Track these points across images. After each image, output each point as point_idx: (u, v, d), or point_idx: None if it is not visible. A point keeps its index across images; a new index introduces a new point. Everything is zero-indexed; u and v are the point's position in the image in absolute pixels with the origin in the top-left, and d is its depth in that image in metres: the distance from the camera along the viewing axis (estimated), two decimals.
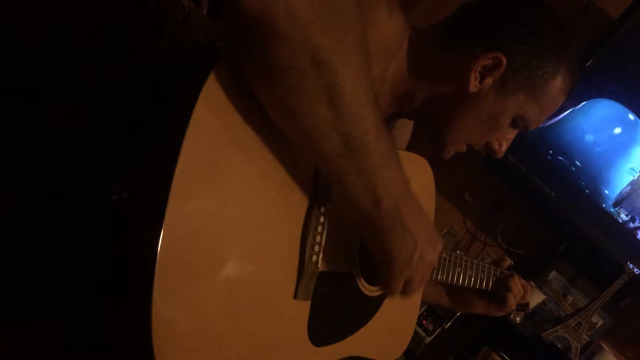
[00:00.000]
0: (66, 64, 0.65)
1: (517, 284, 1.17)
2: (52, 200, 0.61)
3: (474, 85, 0.89)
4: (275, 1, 0.53)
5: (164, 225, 0.54)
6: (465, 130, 0.94)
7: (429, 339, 2.12)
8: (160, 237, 0.53)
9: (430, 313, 2.14)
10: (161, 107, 0.60)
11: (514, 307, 1.19)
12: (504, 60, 0.87)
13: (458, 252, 1.12)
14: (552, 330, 2.02)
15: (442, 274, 1.05)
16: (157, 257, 0.53)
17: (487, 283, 1.15)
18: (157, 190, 0.54)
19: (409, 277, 0.78)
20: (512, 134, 0.98)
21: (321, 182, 0.74)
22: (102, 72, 0.66)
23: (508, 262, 1.21)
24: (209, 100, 0.58)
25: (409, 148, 1.15)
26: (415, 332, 2.09)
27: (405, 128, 1.12)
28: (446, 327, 2.16)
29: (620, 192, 2.00)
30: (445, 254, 1.05)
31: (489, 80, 0.89)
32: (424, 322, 2.12)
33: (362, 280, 0.88)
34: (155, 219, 0.54)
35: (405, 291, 0.80)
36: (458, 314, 2.16)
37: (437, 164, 1.05)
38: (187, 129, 0.56)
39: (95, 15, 0.67)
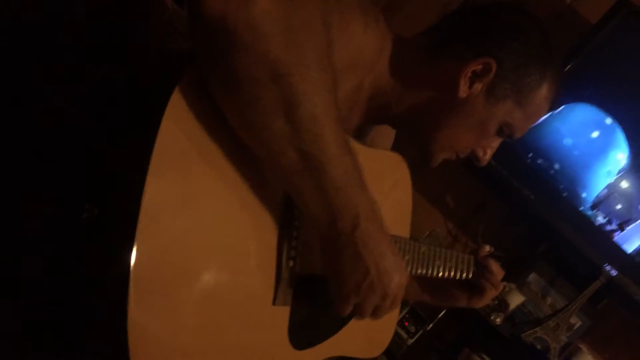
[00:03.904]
0: (48, 64, 0.64)
1: (493, 264, 1.16)
2: (31, 203, 0.61)
3: (463, 90, 0.89)
4: (237, 10, 0.53)
5: (135, 241, 0.53)
6: (454, 137, 0.95)
7: (410, 341, 2.13)
8: (133, 254, 0.53)
9: (412, 315, 2.16)
10: (130, 120, 0.60)
11: (493, 294, 1.18)
12: (494, 66, 0.88)
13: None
14: (531, 331, 2.04)
15: (422, 268, 1.05)
16: (130, 274, 0.53)
17: (467, 273, 1.16)
18: (128, 207, 0.54)
19: (357, 303, 0.74)
20: (496, 142, 0.99)
21: None
22: (83, 74, 0.65)
23: (486, 248, 1.20)
24: (175, 115, 0.58)
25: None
26: (397, 333, 2.11)
27: (384, 136, 1.12)
28: (428, 328, 2.17)
29: (598, 195, 2.03)
30: (424, 248, 1.05)
31: (478, 86, 0.90)
32: (406, 323, 2.14)
33: None
34: (126, 236, 0.53)
35: (355, 314, 0.76)
36: (440, 315, 2.18)
37: (419, 167, 1.05)
38: (155, 146, 0.55)
39: (80, 16, 0.66)
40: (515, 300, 2.08)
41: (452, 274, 1.12)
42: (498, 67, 0.88)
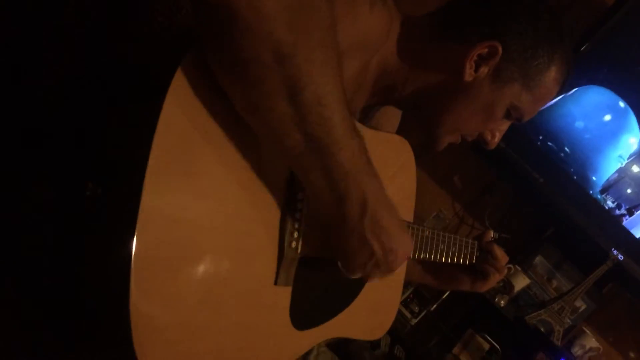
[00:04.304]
0: (49, 41, 0.64)
1: (497, 249, 1.16)
2: (31, 182, 0.61)
3: (469, 74, 0.88)
4: None
5: (138, 220, 0.53)
6: (460, 120, 0.94)
7: (414, 321, 2.15)
8: (135, 233, 0.53)
9: (416, 295, 2.17)
10: (133, 98, 0.60)
11: (497, 279, 1.18)
12: (500, 49, 0.87)
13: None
14: (535, 314, 2.04)
15: (425, 253, 1.05)
16: (133, 253, 0.53)
17: (471, 258, 1.16)
18: (130, 186, 0.54)
19: (362, 276, 0.76)
20: (505, 125, 0.98)
21: None
22: (84, 51, 0.65)
23: (490, 234, 1.21)
24: (179, 95, 0.57)
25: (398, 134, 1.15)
26: (401, 313, 2.12)
27: (390, 118, 1.11)
28: (432, 309, 2.18)
29: (608, 179, 2.01)
30: (428, 231, 1.05)
31: (484, 70, 0.88)
32: (411, 303, 2.15)
33: None
34: (129, 215, 0.53)
35: (363, 280, 0.79)
36: (444, 296, 2.18)
37: (425, 149, 1.04)
38: (158, 125, 0.55)
39: None
40: (521, 282, 2.08)
41: (456, 258, 1.12)
42: (504, 51, 0.87)
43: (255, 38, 0.53)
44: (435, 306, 2.17)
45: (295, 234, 0.75)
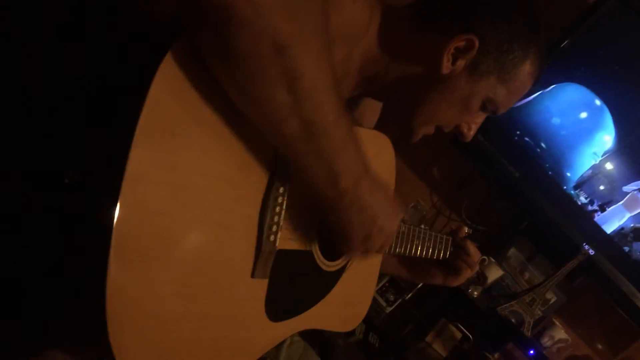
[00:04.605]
0: (31, 23, 0.63)
1: (470, 246, 1.19)
2: (9, 168, 0.60)
3: (446, 67, 0.89)
4: None
5: (117, 209, 0.54)
6: (436, 113, 0.95)
7: (389, 309, 2.18)
8: (115, 222, 0.54)
9: (392, 284, 2.19)
10: (119, 83, 0.59)
11: (468, 274, 1.22)
12: (477, 43, 0.88)
13: (422, 226, 1.15)
14: (507, 305, 2.09)
15: (400, 247, 1.07)
16: (112, 241, 0.54)
17: (445, 253, 1.18)
18: (111, 174, 0.54)
19: (366, 248, 0.82)
20: (481, 117, 1.00)
21: (280, 162, 0.75)
22: (67, 34, 0.64)
23: (464, 231, 1.23)
24: (167, 79, 0.57)
25: (376, 128, 1.16)
26: (376, 301, 2.15)
27: (372, 109, 1.12)
28: (407, 298, 2.21)
29: (582, 176, 2.05)
30: (404, 227, 1.07)
31: (461, 63, 0.90)
32: (386, 292, 2.17)
33: (321, 256, 0.90)
34: (109, 203, 0.54)
35: (364, 254, 0.86)
36: (419, 285, 2.22)
37: (403, 138, 1.05)
38: (143, 110, 0.55)
39: None
40: (494, 274, 2.12)
41: (430, 253, 1.15)
42: (481, 44, 0.88)
43: (253, 31, 0.54)
44: (410, 295, 2.21)
45: (274, 228, 0.76)
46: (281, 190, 0.76)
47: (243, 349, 0.79)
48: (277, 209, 0.76)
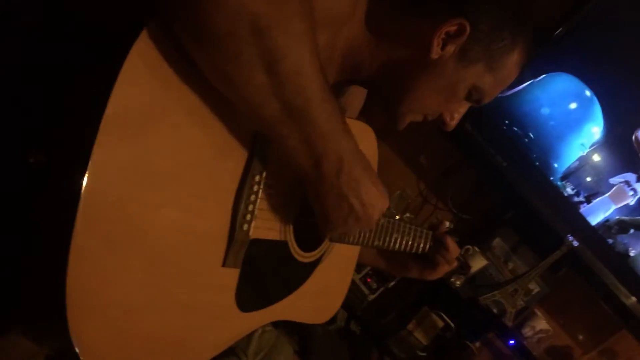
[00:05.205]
0: None
1: (450, 241, 1.18)
2: None
3: (435, 51, 0.87)
4: None
5: (82, 193, 0.51)
6: (422, 98, 0.93)
7: (372, 297, 2.17)
8: (79, 206, 0.51)
9: (375, 272, 2.18)
10: (91, 62, 0.56)
11: (445, 269, 1.20)
12: (468, 28, 0.85)
13: (407, 214, 1.13)
14: (489, 294, 2.08)
15: (379, 240, 1.06)
16: (75, 225, 0.51)
17: (424, 247, 1.17)
18: (79, 157, 0.52)
19: (343, 232, 0.81)
20: (464, 107, 0.98)
21: (257, 150, 0.73)
22: (36, 7, 0.61)
23: (445, 225, 1.22)
24: (142, 57, 0.55)
25: (361, 117, 1.14)
26: (359, 289, 2.14)
27: (356, 97, 1.10)
28: (390, 286, 2.21)
29: (569, 167, 2.04)
30: (383, 220, 1.05)
31: (450, 48, 0.87)
32: (369, 280, 2.16)
33: (296, 247, 0.88)
34: (74, 187, 0.51)
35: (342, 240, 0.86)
36: None
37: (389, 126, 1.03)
38: (114, 90, 0.52)
39: None
40: (478, 263, 2.12)
41: (409, 247, 1.13)
42: (472, 30, 0.85)
43: (230, 12, 0.52)
44: (393, 283, 2.20)
45: (248, 217, 0.74)
46: (257, 178, 0.74)
47: (211, 338, 0.77)
48: (253, 197, 0.74)
